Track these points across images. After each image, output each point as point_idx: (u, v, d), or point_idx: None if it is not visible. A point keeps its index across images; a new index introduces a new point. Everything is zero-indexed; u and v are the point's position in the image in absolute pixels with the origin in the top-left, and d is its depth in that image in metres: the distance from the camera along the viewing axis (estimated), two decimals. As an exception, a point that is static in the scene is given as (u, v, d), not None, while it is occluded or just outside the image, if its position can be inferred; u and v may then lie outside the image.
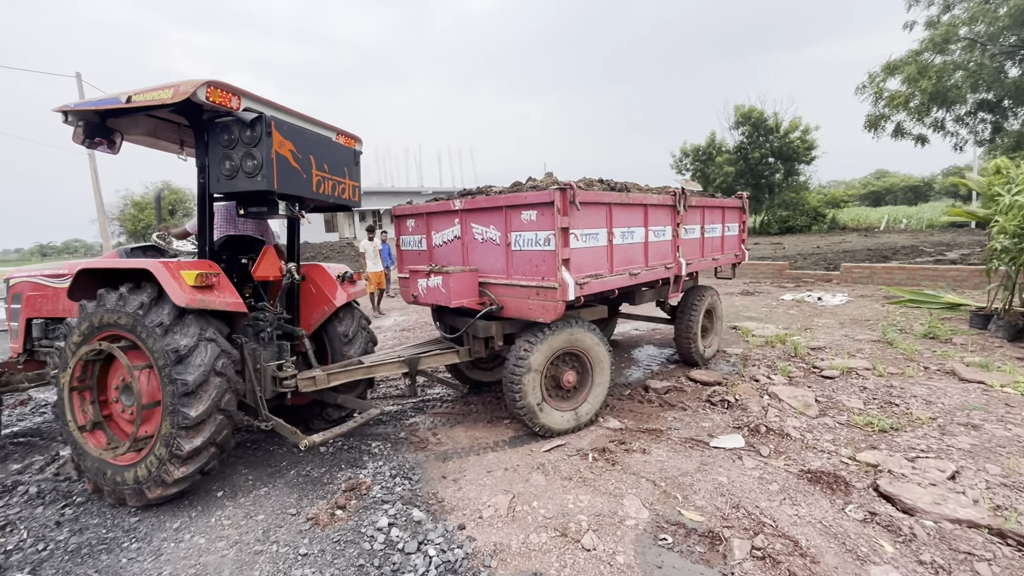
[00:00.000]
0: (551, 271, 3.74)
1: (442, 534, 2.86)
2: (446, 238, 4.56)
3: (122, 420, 3.45)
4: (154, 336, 3.01)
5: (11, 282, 4.30)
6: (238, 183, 3.27)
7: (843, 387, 4.95)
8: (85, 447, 3.27)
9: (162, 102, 2.96)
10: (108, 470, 3.19)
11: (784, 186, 29.54)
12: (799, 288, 11.25)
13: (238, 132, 3.23)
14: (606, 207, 4.21)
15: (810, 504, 3.00)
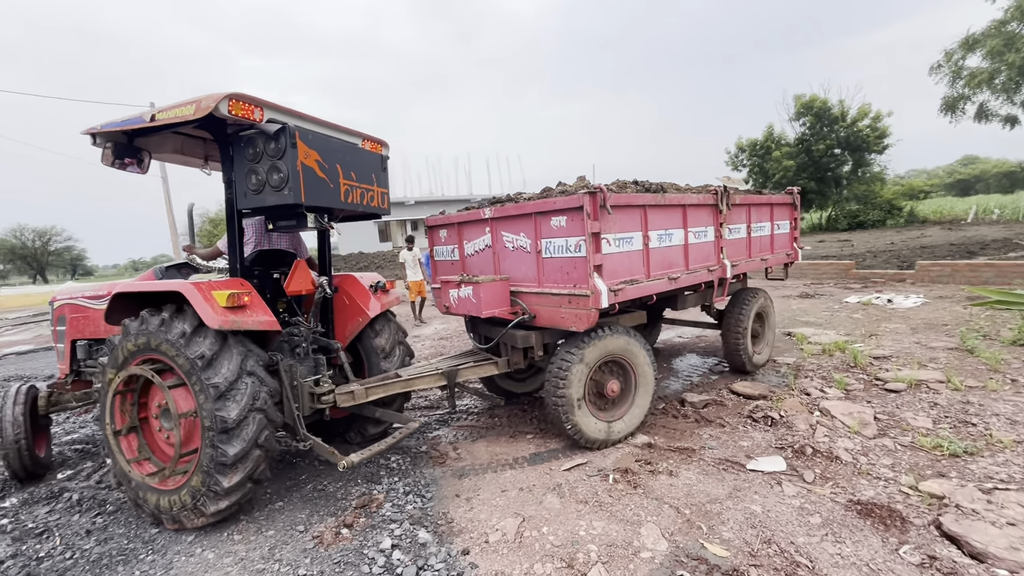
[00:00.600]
0: (583, 278, 3.63)
1: (444, 559, 2.74)
2: (477, 247, 4.51)
3: (162, 441, 3.43)
4: (194, 366, 2.96)
5: (55, 304, 4.41)
6: (265, 197, 3.22)
7: (909, 403, 4.40)
8: (129, 471, 3.27)
9: (185, 118, 2.93)
10: (149, 493, 3.19)
11: (853, 179, 27.46)
12: (867, 289, 10.31)
13: (262, 145, 3.17)
14: (640, 209, 4.04)
15: (857, 542, 2.63)
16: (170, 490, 3.12)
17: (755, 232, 5.63)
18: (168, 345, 3.03)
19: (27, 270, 64.22)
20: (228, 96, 2.88)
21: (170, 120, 2.99)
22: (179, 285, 3.10)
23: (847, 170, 27.08)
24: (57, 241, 66.17)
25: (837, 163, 26.42)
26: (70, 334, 4.28)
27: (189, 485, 3.03)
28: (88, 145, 3.42)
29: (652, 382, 4.24)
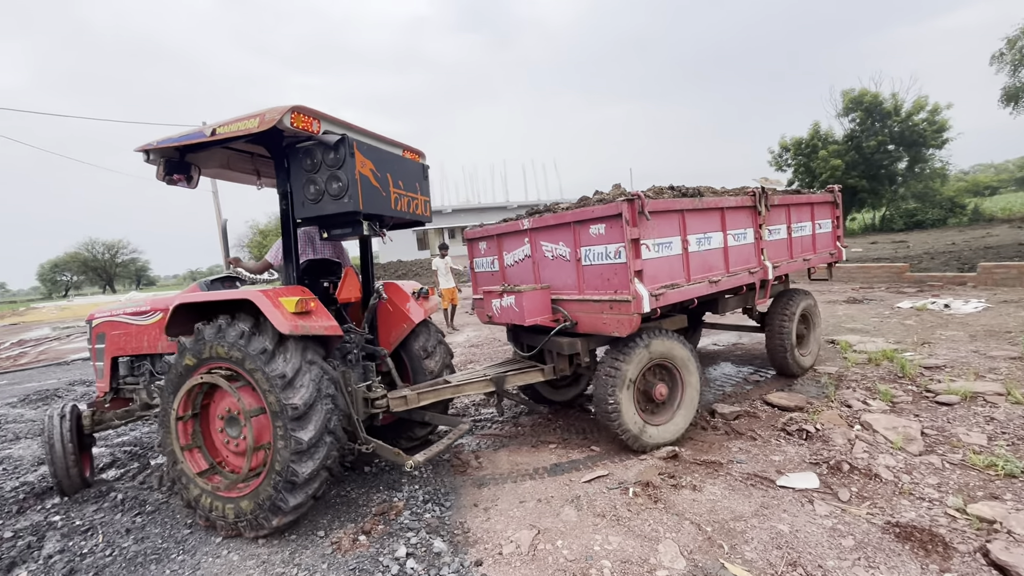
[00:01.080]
0: (623, 284, 3.67)
1: (456, 570, 2.74)
2: (517, 257, 4.62)
3: (227, 451, 3.41)
4: (258, 363, 3.00)
5: (94, 323, 4.29)
6: (324, 206, 3.28)
7: (962, 417, 4.08)
8: (194, 480, 3.26)
9: (248, 132, 2.98)
10: (220, 503, 3.17)
11: (910, 176, 25.92)
12: (922, 294, 9.67)
13: (321, 155, 3.24)
14: (678, 214, 4.06)
15: (892, 568, 2.45)
16: (243, 495, 3.11)
17: (796, 232, 5.53)
18: (237, 351, 3.05)
19: (98, 281, 69.10)
20: (292, 109, 2.94)
21: (232, 134, 3.05)
22: (247, 293, 3.14)
23: (903, 167, 25.61)
24: (124, 253, 71.03)
25: (891, 160, 25.02)
26: (110, 351, 4.21)
27: (263, 487, 3.04)
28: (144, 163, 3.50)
29: (698, 385, 4.22)
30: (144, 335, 4.06)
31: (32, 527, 3.57)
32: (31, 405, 7.39)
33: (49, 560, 3.13)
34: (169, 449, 3.33)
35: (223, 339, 3.10)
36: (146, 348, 4.07)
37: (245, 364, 3.05)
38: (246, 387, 3.17)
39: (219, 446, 3.43)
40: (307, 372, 3.07)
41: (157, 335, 3.99)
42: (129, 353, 4.18)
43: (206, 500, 3.21)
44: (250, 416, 3.07)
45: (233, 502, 3.12)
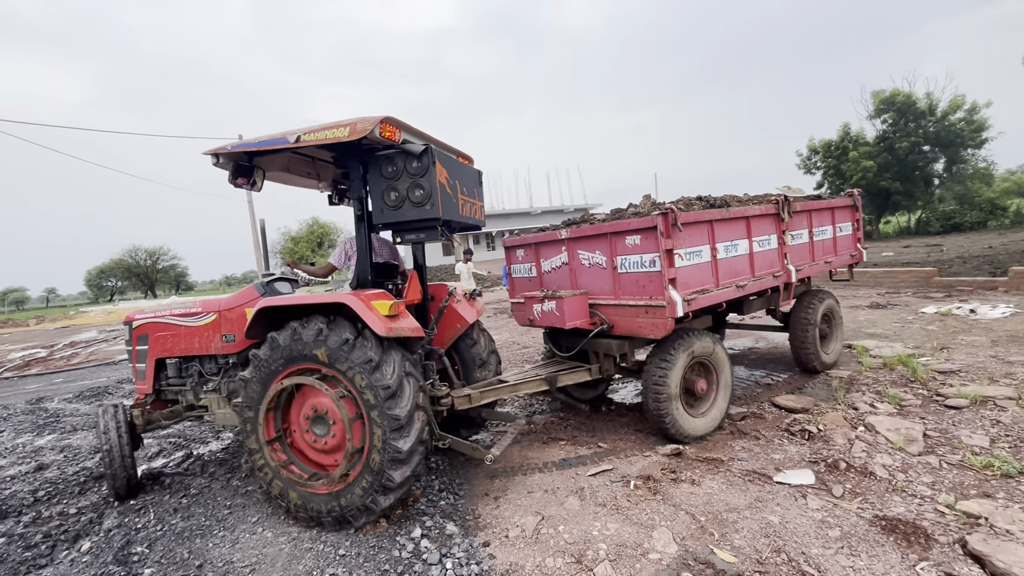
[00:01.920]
0: (658, 291, 3.96)
1: (466, 549, 3.00)
2: (554, 264, 4.94)
3: (309, 449, 3.48)
4: (362, 372, 3.09)
5: (135, 323, 4.27)
6: (405, 212, 3.42)
7: (968, 420, 4.13)
8: (278, 476, 3.37)
9: (338, 140, 3.10)
10: (305, 497, 3.30)
11: (947, 177, 25.09)
12: (950, 299, 9.48)
13: (403, 163, 3.38)
14: (707, 224, 4.34)
15: (873, 556, 2.59)
16: (335, 492, 3.23)
17: (817, 236, 5.80)
18: (339, 357, 3.13)
19: (140, 286, 72.34)
20: (382, 120, 3.08)
21: (316, 142, 3.17)
22: (342, 297, 3.24)
23: (939, 168, 24.82)
24: (164, 260, 74.20)
25: (926, 161, 24.27)
26: (155, 353, 4.18)
27: (358, 485, 3.16)
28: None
29: (730, 380, 4.58)
30: (195, 336, 4.07)
31: (92, 505, 4.00)
32: (85, 401, 8.01)
33: (109, 533, 3.52)
34: (251, 441, 3.41)
35: (323, 343, 3.16)
36: (196, 349, 4.08)
37: (344, 369, 3.13)
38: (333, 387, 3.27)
39: (299, 442, 3.51)
40: (408, 384, 3.19)
41: (209, 336, 4.03)
42: (177, 355, 4.17)
43: (289, 492, 3.33)
44: (351, 423, 3.18)
45: (320, 498, 3.25)
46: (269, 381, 3.35)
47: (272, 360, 3.32)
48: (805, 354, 5.71)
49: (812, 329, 5.65)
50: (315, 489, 3.30)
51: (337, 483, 3.24)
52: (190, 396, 4.25)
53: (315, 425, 3.38)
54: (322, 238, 49.18)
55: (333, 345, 3.15)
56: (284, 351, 3.28)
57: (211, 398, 4.11)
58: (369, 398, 3.10)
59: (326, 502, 3.25)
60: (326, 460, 3.44)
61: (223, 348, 4.01)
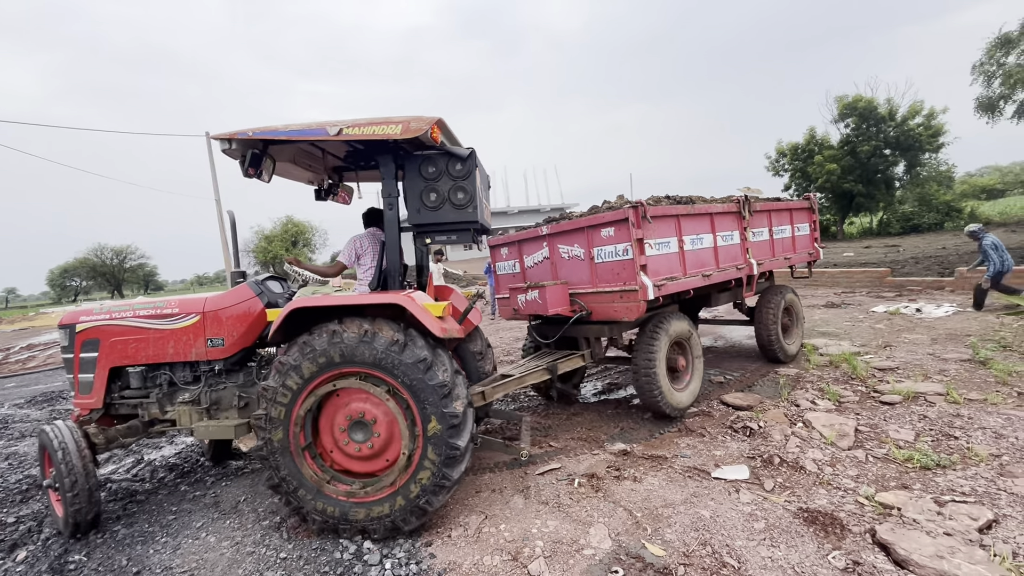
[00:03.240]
0: (631, 276, 4.36)
1: (407, 550, 3.05)
2: (536, 260, 5.35)
3: (345, 458, 3.29)
4: (414, 373, 3.02)
5: (79, 327, 3.71)
6: (445, 214, 3.39)
7: (899, 415, 4.34)
8: (310, 489, 3.17)
9: (387, 137, 3.08)
10: (354, 509, 3.14)
11: (907, 180, 26.03)
12: (900, 298, 9.89)
13: (444, 165, 3.36)
14: (674, 219, 4.79)
15: (792, 547, 2.73)
16: (384, 497, 3.13)
17: (777, 235, 6.31)
18: (388, 358, 3.04)
19: (106, 286, 70.06)
20: (435, 122, 3.10)
21: (363, 137, 3.14)
22: (398, 298, 3.18)
23: (898, 171, 25.74)
24: (132, 259, 71.95)
25: (887, 164, 25.13)
26: (109, 361, 3.68)
27: (406, 490, 3.09)
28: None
29: (702, 357, 5.20)
30: (169, 341, 3.64)
31: (33, 514, 3.91)
32: (37, 406, 7.77)
33: (47, 542, 3.46)
34: (278, 455, 3.15)
35: (369, 344, 3.05)
36: (169, 356, 3.65)
37: (394, 371, 3.05)
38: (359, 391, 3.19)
39: (330, 447, 3.31)
40: (459, 382, 3.19)
41: (189, 340, 3.63)
42: (141, 362, 3.69)
43: (326, 506, 3.16)
44: (413, 427, 3.13)
45: (364, 506, 3.14)
46: (303, 388, 3.12)
47: (305, 365, 3.09)
48: (769, 344, 6.19)
49: (775, 321, 6.14)
50: (361, 498, 3.15)
51: (387, 488, 3.15)
52: (154, 409, 3.75)
53: (354, 432, 3.21)
54: (296, 237, 48.35)
55: (380, 347, 3.04)
56: (321, 355, 3.07)
57: (183, 410, 3.68)
58: (424, 398, 3.04)
59: (375, 509, 3.12)
60: (365, 467, 3.27)
61: (207, 354, 3.63)
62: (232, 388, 3.73)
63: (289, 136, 3.19)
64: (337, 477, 3.27)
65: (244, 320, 3.63)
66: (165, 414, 3.74)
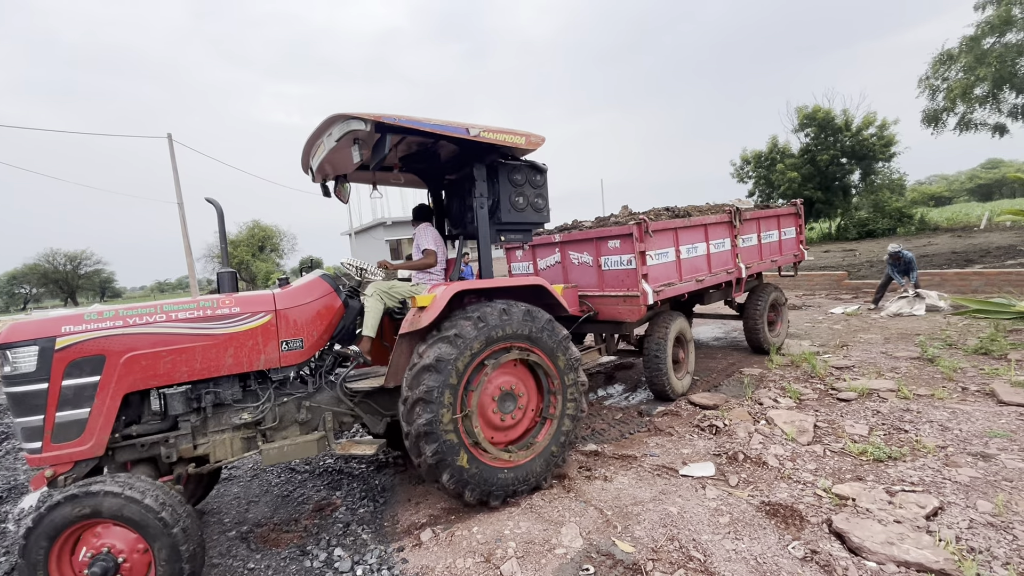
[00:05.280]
0: (634, 284, 4.94)
1: (379, 556, 3.02)
2: (549, 263, 5.98)
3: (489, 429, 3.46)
4: (561, 347, 3.63)
5: (61, 342, 2.68)
6: (526, 216, 3.92)
7: (854, 411, 4.55)
8: (477, 460, 3.29)
9: (513, 145, 3.56)
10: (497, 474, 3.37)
11: (863, 187, 27.27)
12: (856, 300, 10.35)
13: (526, 175, 3.89)
14: (673, 231, 5.35)
15: (755, 539, 2.83)
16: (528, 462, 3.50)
17: (765, 240, 6.89)
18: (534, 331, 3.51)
19: (59, 293, 66.78)
20: (543, 139, 3.70)
21: (496, 142, 3.47)
22: (537, 280, 3.82)
23: (855, 179, 26.92)
24: (87, 265, 68.76)
25: (844, 172, 26.26)
26: (125, 384, 2.80)
27: (549, 449, 3.60)
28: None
29: (694, 351, 5.81)
30: (228, 348, 3.05)
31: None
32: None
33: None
34: (449, 434, 3.17)
35: (530, 322, 3.50)
36: (227, 367, 3.05)
37: (546, 345, 3.57)
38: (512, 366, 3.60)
39: (483, 424, 3.42)
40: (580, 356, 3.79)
41: (257, 346, 3.13)
42: (181, 380, 2.96)
43: (503, 477, 3.40)
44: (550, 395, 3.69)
45: (514, 470, 3.45)
46: (472, 361, 3.29)
47: (478, 339, 3.29)
48: (756, 336, 6.78)
49: (761, 316, 6.72)
50: (511, 463, 3.46)
51: (531, 452, 3.54)
52: (185, 444, 3.00)
53: (503, 402, 3.50)
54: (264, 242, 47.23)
55: (539, 324, 3.54)
56: (494, 329, 3.35)
57: (226, 439, 3.12)
58: (562, 368, 3.65)
59: (522, 471, 3.48)
60: (503, 437, 3.57)
61: (280, 359, 3.22)
62: (295, 400, 3.36)
63: (433, 129, 3.26)
64: (485, 446, 3.38)
65: (324, 317, 3.45)
66: (196, 448, 3.04)
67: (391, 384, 3.49)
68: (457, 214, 4.41)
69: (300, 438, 3.31)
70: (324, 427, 3.43)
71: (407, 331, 3.36)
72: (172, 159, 18.52)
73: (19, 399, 2.64)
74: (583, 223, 6.07)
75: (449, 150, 4.04)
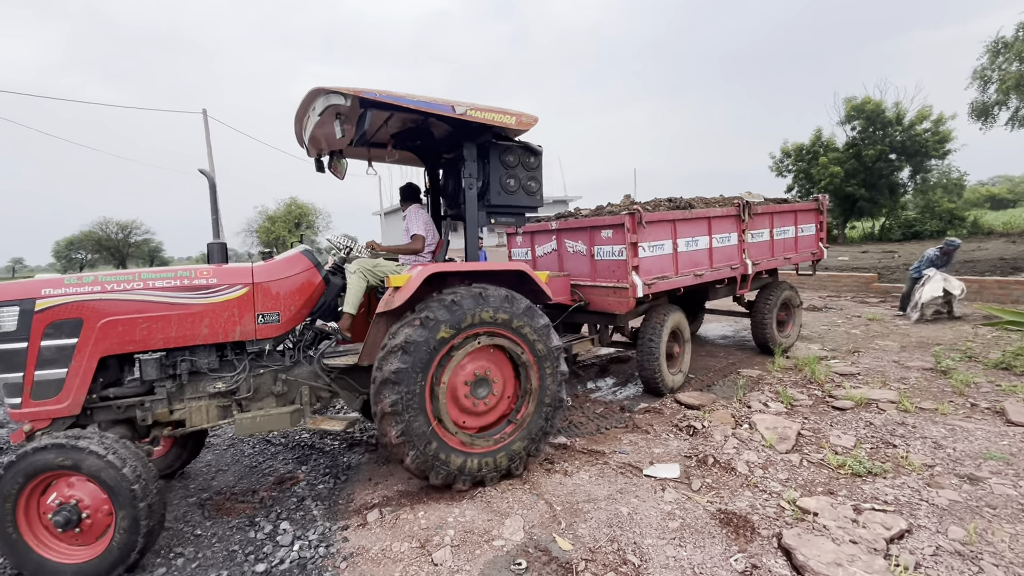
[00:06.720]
0: (624, 275, 4.77)
1: (322, 533, 3.04)
2: (546, 250, 5.85)
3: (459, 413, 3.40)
4: (540, 334, 3.52)
5: (41, 304, 2.80)
6: (518, 199, 3.83)
7: (846, 421, 4.30)
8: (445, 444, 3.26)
9: (503, 125, 3.42)
10: (488, 458, 3.39)
11: (913, 186, 25.75)
12: (883, 304, 9.79)
13: (519, 157, 3.78)
14: (670, 223, 5.12)
15: (699, 547, 2.71)
16: (507, 443, 3.48)
17: (778, 236, 6.52)
18: (512, 316, 3.42)
19: (111, 260, 70.44)
20: (536, 119, 3.56)
21: (484, 121, 3.34)
22: (519, 265, 3.71)
23: (903, 177, 25.43)
24: (137, 234, 72.18)
25: (892, 169, 24.82)
26: (102, 347, 2.90)
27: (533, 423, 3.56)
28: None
29: (690, 345, 5.65)
30: (204, 318, 3.11)
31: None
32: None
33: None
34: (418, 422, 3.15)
35: (510, 308, 3.42)
36: (203, 337, 3.12)
37: (523, 331, 3.47)
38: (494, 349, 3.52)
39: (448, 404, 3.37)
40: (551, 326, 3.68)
41: (233, 317, 3.18)
42: (157, 347, 3.05)
43: (472, 463, 3.35)
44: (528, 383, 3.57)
45: (500, 451, 3.45)
46: (441, 346, 3.21)
47: (446, 323, 3.20)
48: (763, 335, 6.52)
49: (770, 315, 6.45)
50: (481, 448, 3.42)
51: (505, 438, 3.50)
52: (161, 408, 3.10)
53: (477, 388, 3.44)
54: (300, 219, 48.35)
55: (519, 310, 3.44)
56: (465, 315, 3.26)
57: (203, 406, 3.21)
58: (543, 356, 3.56)
59: (509, 450, 3.47)
60: (475, 422, 3.51)
61: (256, 332, 3.26)
62: (272, 373, 3.41)
63: (416, 106, 3.15)
64: (453, 430, 3.36)
65: (303, 292, 3.46)
66: (173, 413, 3.15)
67: (365, 362, 3.50)
68: (453, 194, 4.30)
69: (274, 410, 3.38)
70: (300, 401, 3.49)
71: (382, 311, 3.35)
72: (206, 134, 19.10)
73: (1, 356, 2.78)
74: (580, 211, 5.91)
75: (443, 129, 3.94)
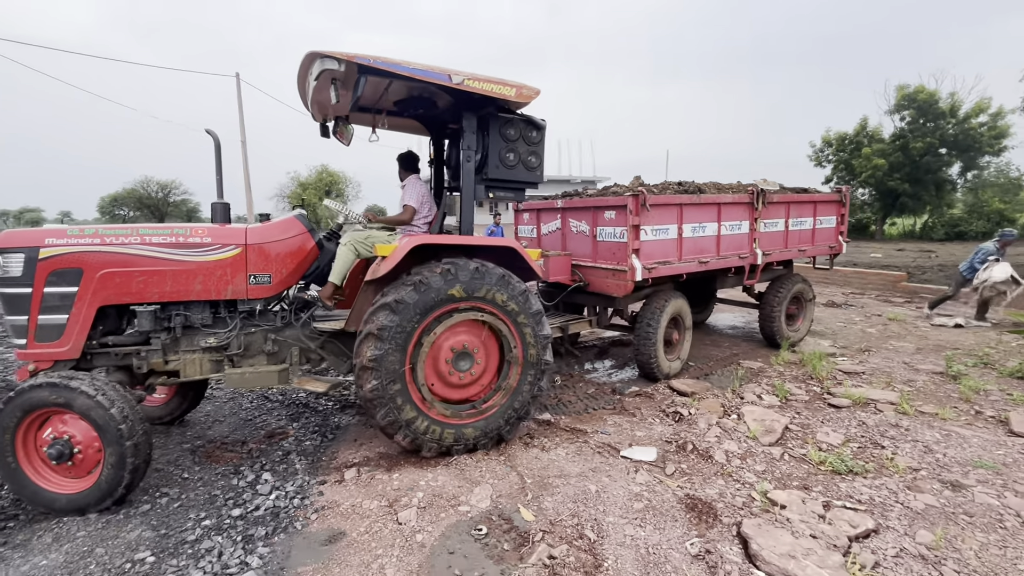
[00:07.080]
0: (624, 258, 4.72)
1: (300, 486, 3.19)
2: (551, 228, 5.84)
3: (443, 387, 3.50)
4: (524, 305, 3.53)
5: (44, 252, 2.96)
6: (517, 173, 3.79)
7: (838, 419, 4.21)
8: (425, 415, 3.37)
9: (502, 96, 3.35)
10: (453, 430, 3.44)
11: (964, 183, 24.37)
12: (908, 304, 9.43)
13: (521, 131, 3.73)
14: (677, 207, 5.02)
15: (659, 529, 2.73)
16: (489, 417, 3.56)
17: (794, 226, 6.29)
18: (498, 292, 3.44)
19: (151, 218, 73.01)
20: (538, 92, 3.50)
21: (481, 91, 3.29)
22: (509, 242, 3.73)
23: (953, 172, 24.07)
24: (176, 194, 74.44)
25: (941, 164, 23.49)
26: (100, 297, 3.06)
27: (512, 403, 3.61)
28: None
29: (691, 332, 5.59)
30: (196, 275, 3.24)
31: None
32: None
33: None
34: (393, 369, 3.21)
35: (504, 284, 3.46)
36: (196, 293, 3.26)
37: (508, 305, 3.49)
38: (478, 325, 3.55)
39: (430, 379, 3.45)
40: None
41: (225, 276, 3.29)
42: (151, 300, 3.20)
43: (444, 432, 3.41)
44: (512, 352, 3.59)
45: (471, 426, 3.50)
46: (422, 320, 3.26)
47: (443, 291, 3.27)
48: (771, 326, 6.38)
49: (779, 308, 6.30)
50: (459, 420, 3.49)
51: (494, 406, 3.59)
52: (156, 358, 3.28)
53: (459, 361, 3.49)
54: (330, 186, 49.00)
55: (512, 288, 3.49)
56: (461, 285, 3.32)
57: (196, 358, 3.36)
58: (523, 324, 3.57)
59: (483, 425, 3.54)
60: (459, 395, 3.58)
61: (247, 292, 3.37)
62: (263, 332, 3.54)
63: (412, 74, 3.13)
64: (429, 398, 3.43)
65: (295, 256, 3.54)
66: (167, 364, 3.32)
67: (352, 328, 3.58)
68: (456, 166, 4.18)
69: (263, 368, 3.52)
70: (290, 361, 3.62)
71: (370, 279, 3.42)
72: (239, 98, 19.41)
73: (8, 299, 3.01)
74: (587, 190, 5.84)
75: (446, 99, 3.88)
